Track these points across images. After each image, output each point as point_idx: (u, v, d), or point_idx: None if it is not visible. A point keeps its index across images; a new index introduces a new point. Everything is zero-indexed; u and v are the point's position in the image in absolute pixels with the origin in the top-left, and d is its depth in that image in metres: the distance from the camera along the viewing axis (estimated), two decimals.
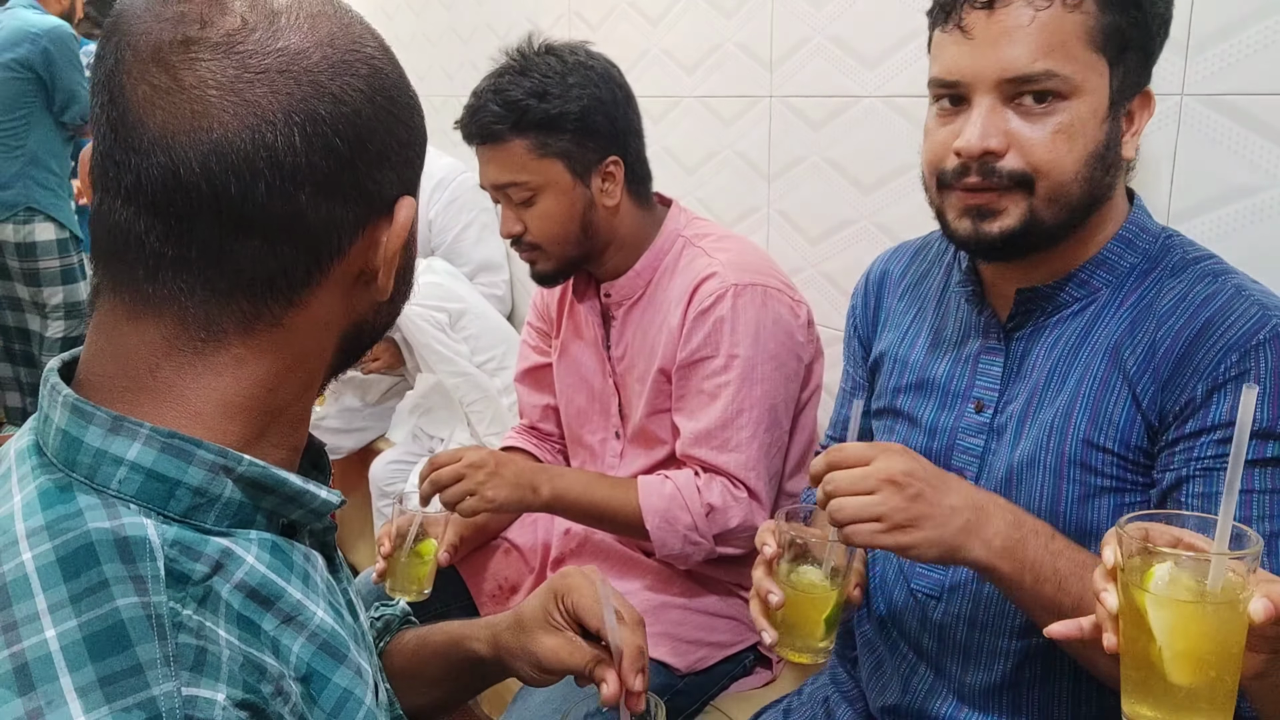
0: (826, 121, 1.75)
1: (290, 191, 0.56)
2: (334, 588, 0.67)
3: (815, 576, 0.98)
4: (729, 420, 1.38)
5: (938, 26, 0.95)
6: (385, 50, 0.62)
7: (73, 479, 0.55)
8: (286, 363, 0.60)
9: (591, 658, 0.84)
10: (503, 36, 2.73)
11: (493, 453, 1.43)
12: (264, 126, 0.54)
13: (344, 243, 0.59)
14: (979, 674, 1.02)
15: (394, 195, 0.62)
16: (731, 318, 1.37)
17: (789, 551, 0.99)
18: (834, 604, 0.98)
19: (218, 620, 0.54)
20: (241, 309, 0.58)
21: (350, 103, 0.57)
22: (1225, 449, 0.85)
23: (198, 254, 0.56)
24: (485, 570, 1.63)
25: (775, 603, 0.96)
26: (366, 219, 0.60)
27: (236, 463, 0.58)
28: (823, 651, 0.99)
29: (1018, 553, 0.87)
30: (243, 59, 0.55)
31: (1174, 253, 0.96)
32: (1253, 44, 1.17)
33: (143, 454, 0.55)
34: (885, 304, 1.19)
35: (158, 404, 0.58)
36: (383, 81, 0.60)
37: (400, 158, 0.62)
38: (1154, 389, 0.90)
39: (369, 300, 0.64)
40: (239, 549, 0.57)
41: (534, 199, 1.40)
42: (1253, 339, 0.86)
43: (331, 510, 0.65)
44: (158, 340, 0.58)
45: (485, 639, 0.89)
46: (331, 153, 0.57)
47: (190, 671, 0.50)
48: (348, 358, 0.67)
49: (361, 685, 0.62)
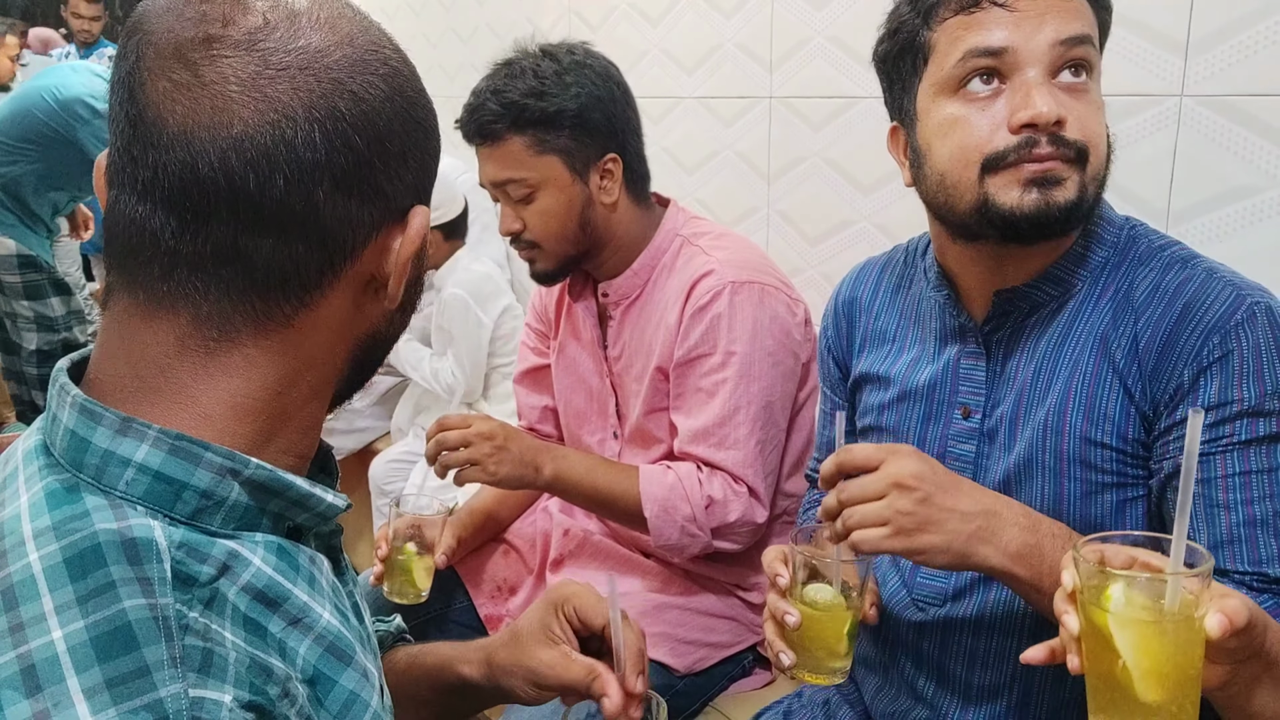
0: (826, 122, 1.75)
1: (308, 187, 0.56)
2: (339, 590, 0.67)
3: (830, 595, 0.96)
4: (727, 417, 1.38)
5: (962, 12, 0.93)
6: (402, 54, 0.62)
7: (80, 480, 0.55)
8: (296, 366, 0.60)
9: (588, 670, 0.83)
10: (502, 37, 2.73)
11: (502, 425, 1.42)
12: (284, 122, 0.54)
13: (357, 244, 0.59)
14: (986, 675, 1.01)
15: (409, 202, 0.62)
16: (729, 314, 1.37)
17: (802, 572, 0.97)
18: (851, 622, 0.96)
19: (224, 622, 0.53)
20: (254, 308, 0.58)
21: (370, 101, 0.57)
22: (1218, 431, 0.86)
23: (212, 250, 0.56)
24: (484, 571, 1.63)
25: (793, 624, 0.94)
26: (381, 222, 0.60)
27: (244, 466, 0.57)
28: (840, 672, 0.98)
29: (1033, 558, 0.86)
30: (264, 55, 0.55)
31: (1139, 242, 0.97)
32: (1253, 44, 1.17)
33: (150, 455, 0.55)
34: (859, 326, 1.17)
35: (168, 405, 0.57)
36: (401, 83, 0.60)
37: (417, 161, 0.62)
38: (1143, 380, 0.91)
39: (379, 309, 0.64)
40: (245, 551, 0.57)
41: (532, 196, 1.40)
42: (1230, 320, 0.87)
43: (338, 514, 0.65)
44: (170, 340, 0.57)
45: (477, 661, 0.88)
46: (350, 149, 0.57)
47: (197, 673, 0.50)
48: (361, 369, 0.67)
49: (368, 688, 0.62)
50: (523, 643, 0.86)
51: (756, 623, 1.50)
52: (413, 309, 0.68)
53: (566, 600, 0.86)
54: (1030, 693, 1.00)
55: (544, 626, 0.86)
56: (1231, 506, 0.86)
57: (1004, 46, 0.90)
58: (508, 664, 0.86)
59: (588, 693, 0.83)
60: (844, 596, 0.96)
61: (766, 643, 1.00)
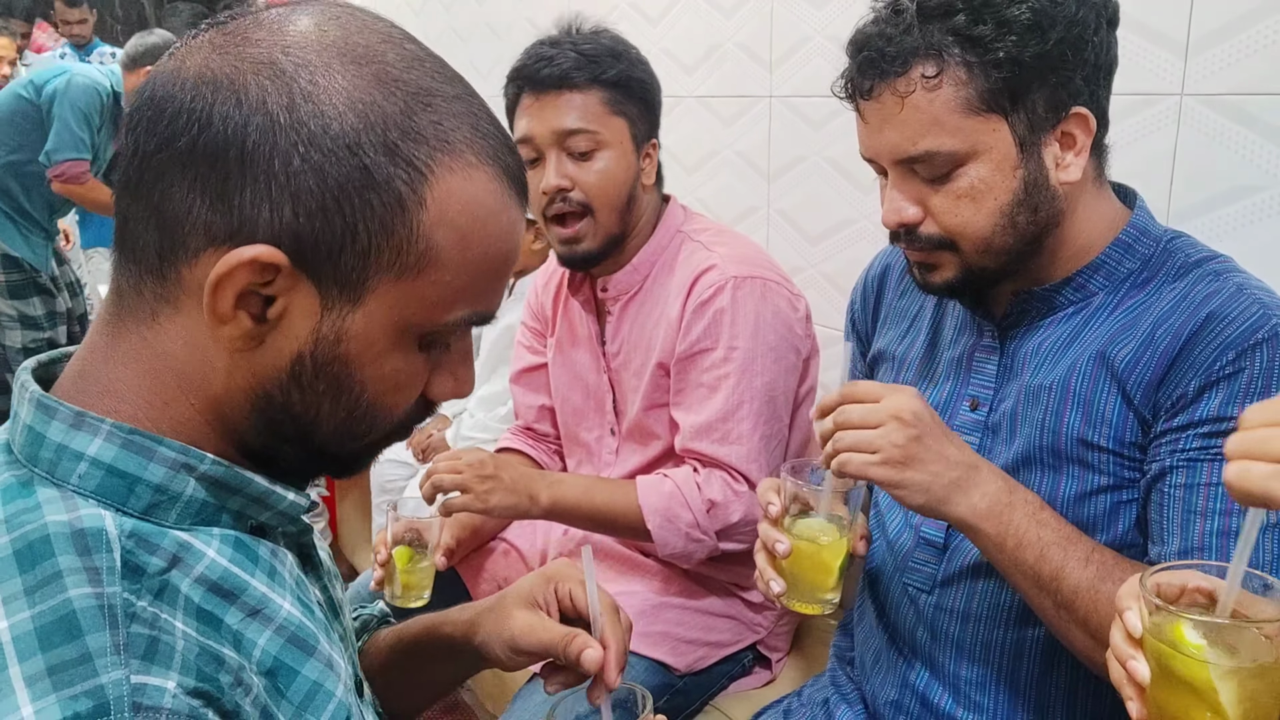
0: (826, 121, 1.75)
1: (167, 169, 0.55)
2: (304, 584, 0.66)
3: (820, 526, 0.98)
4: (730, 412, 1.37)
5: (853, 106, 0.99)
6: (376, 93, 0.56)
7: (35, 474, 0.56)
8: (172, 365, 0.58)
9: (565, 633, 0.80)
10: (502, 37, 2.73)
11: (493, 455, 1.42)
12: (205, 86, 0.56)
13: (191, 244, 0.55)
14: (973, 668, 1.02)
15: (260, 234, 0.54)
16: (731, 309, 1.37)
17: (794, 505, 0.99)
18: (842, 553, 0.98)
19: (175, 612, 0.54)
20: (130, 284, 0.58)
21: (267, 107, 0.55)
22: (1209, 442, 0.86)
23: (123, 216, 0.58)
24: (484, 571, 1.63)
25: (783, 551, 0.96)
26: (222, 236, 0.54)
27: (199, 461, 0.58)
28: (829, 604, 0.99)
29: (1004, 517, 0.88)
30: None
31: (1176, 257, 0.96)
32: (1253, 44, 1.17)
33: (103, 449, 0.56)
34: (886, 300, 1.19)
35: (100, 393, 0.58)
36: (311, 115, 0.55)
37: (291, 197, 0.54)
38: (1147, 385, 0.91)
39: (270, 354, 0.57)
40: (199, 543, 0.57)
41: (594, 153, 1.37)
42: (1251, 338, 0.86)
43: (300, 513, 0.64)
44: (102, 322, 0.60)
45: (460, 622, 0.86)
46: (218, 145, 0.54)
47: (141, 660, 0.50)
48: (270, 429, 0.60)
49: (333, 678, 0.62)
50: (506, 605, 0.84)
51: (757, 622, 1.50)
52: (328, 407, 0.60)
53: (563, 580, 0.84)
54: (1017, 687, 1.01)
55: (530, 592, 0.84)
56: (1209, 515, 0.86)
57: (868, 157, 0.99)
58: (488, 627, 0.84)
59: (565, 655, 0.79)
60: (835, 526, 0.98)
61: (757, 573, 1.01)
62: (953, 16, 0.89)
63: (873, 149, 0.97)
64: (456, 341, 0.64)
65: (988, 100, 0.90)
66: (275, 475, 0.62)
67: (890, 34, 0.92)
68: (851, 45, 0.97)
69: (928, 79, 0.90)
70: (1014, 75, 0.89)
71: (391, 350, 0.59)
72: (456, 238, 0.57)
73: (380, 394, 0.60)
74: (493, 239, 0.59)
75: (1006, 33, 0.88)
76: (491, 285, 0.61)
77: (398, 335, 0.59)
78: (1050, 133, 0.93)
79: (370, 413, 0.61)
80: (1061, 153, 0.94)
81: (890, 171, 0.96)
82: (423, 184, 0.55)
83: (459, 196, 0.57)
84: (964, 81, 0.90)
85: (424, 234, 0.56)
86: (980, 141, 0.91)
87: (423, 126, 0.56)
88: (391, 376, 0.60)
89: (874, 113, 0.95)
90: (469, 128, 0.58)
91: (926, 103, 0.90)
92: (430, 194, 0.56)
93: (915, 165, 0.93)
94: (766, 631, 1.51)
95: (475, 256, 0.58)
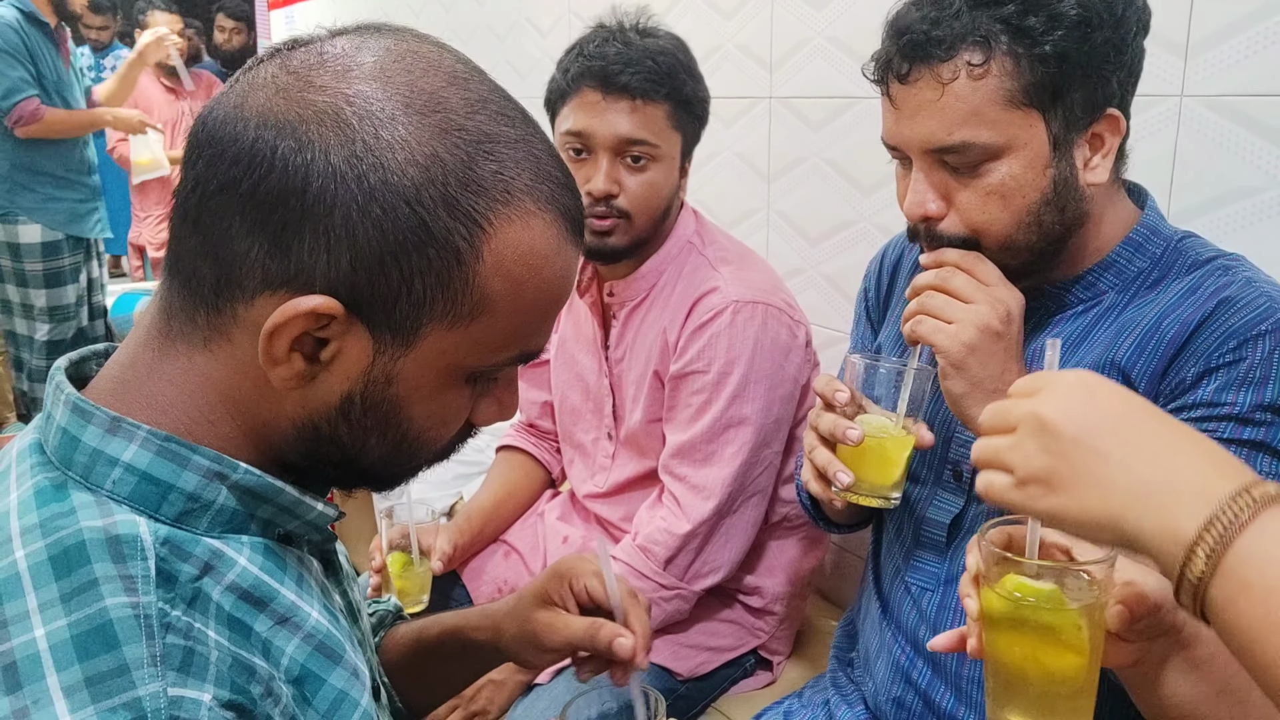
0: (826, 122, 1.75)
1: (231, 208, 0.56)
2: (330, 590, 0.67)
3: (887, 421, 0.96)
4: (714, 435, 1.37)
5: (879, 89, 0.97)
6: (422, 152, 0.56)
7: (69, 477, 0.56)
8: (224, 387, 0.60)
9: (589, 625, 0.82)
10: (503, 37, 2.73)
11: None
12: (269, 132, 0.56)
13: (249, 285, 0.56)
14: (975, 666, 1.02)
15: (318, 284, 0.55)
16: (729, 334, 1.36)
17: (849, 407, 0.97)
18: (908, 447, 0.96)
19: (208, 621, 0.54)
20: (182, 308, 0.59)
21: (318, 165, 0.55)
22: (1201, 426, 0.85)
23: (174, 247, 0.60)
24: (484, 573, 1.63)
25: (855, 438, 0.93)
26: (278, 281, 0.55)
27: (232, 469, 0.58)
28: (892, 499, 0.98)
29: None
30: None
31: (1186, 255, 0.96)
32: (1252, 45, 1.16)
33: (138, 455, 0.56)
34: (897, 289, 1.18)
35: (144, 403, 0.58)
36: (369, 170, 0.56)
37: (351, 250, 0.55)
38: (1152, 375, 0.91)
39: (320, 391, 0.59)
40: (230, 551, 0.57)
41: (648, 166, 1.37)
42: (1255, 328, 0.86)
43: (329, 523, 0.65)
44: (151, 337, 0.60)
45: (483, 628, 0.88)
46: (280, 193, 0.55)
47: (177, 672, 0.50)
48: (313, 455, 0.61)
49: (358, 687, 0.62)
50: (524, 607, 0.86)
51: (758, 626, 1.50)
52: (374, 441, 0.61)
53: (576, 574, 0.85)
54: None
55: (544, 591, 0.85)
56: None
57: (894, 144, 0.96)
58: (513, 631, 0.86)
59: (593, 644, 0.81)
60: (900, 419, 0.96)
61: (819, 468, 0.97)
62: (1003, 5, 0.88)
63: (901, 136, 0.94)
64: (503, 374, 0.65)
65: (1030, 94, 0.88)
66: (304, 485, 0.63)
67: (937, 17, 0.89)
68: (890, 27, 0.94)
69: (973, 66, 0.88)
70: (1058, 71, 0.88)
71: (441, 390, 0.60)
72: (511, 286, 0.58)
73: (426, 429, 0.62)
74: (546, 284, 0.60)
75: (1055, 27, 0.87)
76: (542, 326, 0.62)
77: (448, 376, 0.60)
78: (1083, 133, 0.92)
79: (416, 445, 0.63)
80: (1090, 154, 0.93)
81: (917, 161, 0.94)
82: (480, 237, 0.56)
83: (515, 246, 0.57)
84: (1009, 73, 0.88)
85: (479, 285, 0.57)
86: (1016, 137, 0.90)
87: (483, 177, 0.56)
88: (439, 413, 0.62)
89: (908, 98, 0.92)
90: (530, 173, 0.58)
91: (969, 91, 0.89)
92: (487, 246, 0.56)
93: (946, 156, 0.91)
94: (768, 636, 1.51)
95: (529, 302, 0.59)
